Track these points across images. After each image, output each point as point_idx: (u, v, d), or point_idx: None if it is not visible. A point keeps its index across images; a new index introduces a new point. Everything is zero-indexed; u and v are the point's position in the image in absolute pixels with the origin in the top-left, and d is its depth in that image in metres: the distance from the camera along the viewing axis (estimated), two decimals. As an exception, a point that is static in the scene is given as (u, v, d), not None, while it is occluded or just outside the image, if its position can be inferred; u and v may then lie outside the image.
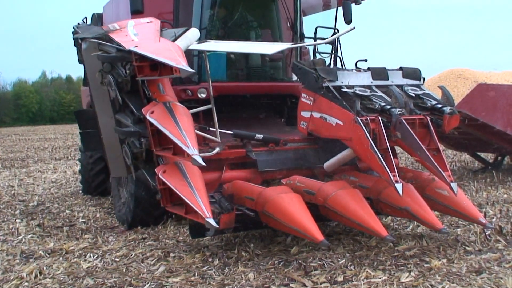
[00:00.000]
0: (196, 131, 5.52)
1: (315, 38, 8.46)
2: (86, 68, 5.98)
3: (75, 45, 6.64)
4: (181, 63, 5.09)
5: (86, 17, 10.64)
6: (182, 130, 5.19)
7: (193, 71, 5.31)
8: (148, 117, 5.38)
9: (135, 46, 5.37)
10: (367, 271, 5.26)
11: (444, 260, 5.52)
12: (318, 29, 8.44)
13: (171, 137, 5.18)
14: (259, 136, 6.64)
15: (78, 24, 6.43)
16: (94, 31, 6.26)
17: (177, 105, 5.55)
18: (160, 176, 5.44)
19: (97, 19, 10.35)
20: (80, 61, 9.54)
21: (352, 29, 6.29)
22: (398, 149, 7.02)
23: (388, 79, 6.63)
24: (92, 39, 5.90)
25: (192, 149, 5.03)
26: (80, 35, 6.16)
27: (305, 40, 8.58)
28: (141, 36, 5.65)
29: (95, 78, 5.99)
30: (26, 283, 5.45)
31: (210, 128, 6.55)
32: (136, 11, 7.37)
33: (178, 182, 5.34)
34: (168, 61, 5.16)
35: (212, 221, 5.03)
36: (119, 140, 6.16)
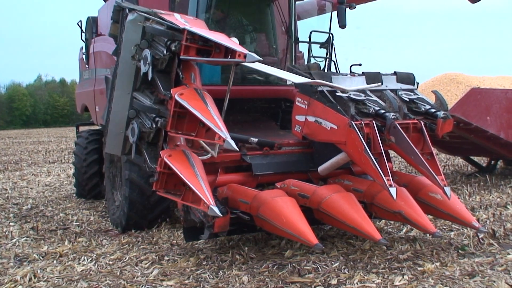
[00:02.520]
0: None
1: (309, 42, 8.49)
2: (123, 39, 5.93)
3: (113, 19, 6.52)
4: (246, 50, 5.10)
5: (81, 21, 10.67)
6: (214, 115, 5.20)
7: (260, 58, 5.29)
8: (176, 98, 5.30)
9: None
10: (360, 274, 5.28)
11: (438, 264, 5.54)
12: (313, 33, 8.47)
13: (202, 119, 5.13)
14: (254, 139, 6.65)
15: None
16: (142, 7, 6.22)
17: (207, 93, 5.54)
18: (165, 159, 5.34)
19: (92, 22, 10.37)
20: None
21: (379, 85, 6.31)
22: (392, 153, 7.05)
23: (382, 84, 6.65)
24: (141, 12, 5.87)
25: (225, 133, 5.02)
26: (129, 5, 6.12)
27: (299, 44, 8.61)
28: (191, 24, 5.62)
29: (128, 51, 5.93)
30: (20, 286, 5.45)
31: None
32: (131, 15, 7.36)
33: (184, 169, 5.29)
34: (234, 46, 5.18)
35: (216, 209, 4.97)
36: (128, 118, 6.09)
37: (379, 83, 6.41)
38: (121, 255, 6.43)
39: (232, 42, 5.31)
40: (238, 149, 5.19)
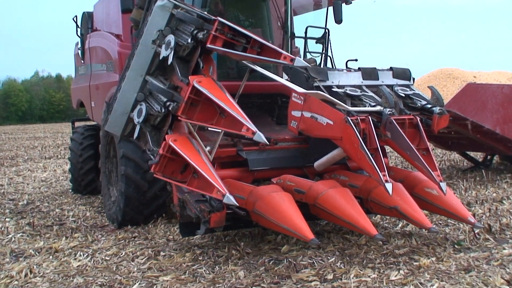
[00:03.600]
0: None
1: (305, 38, 8.48)
2: (148, 22, 5.97)
3: (137, 4, 6.72)
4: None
5: (76, 16, 10.64)
6: (237, 106, 5.25)
7: (308, 64, 5.32)
8: (195, 84, 5.32)
9: None
10: (356, 269, 5.29)
11: (433, 259, 5.56)
12: (309, 28, 8.46)
13: (227, 108, 5.17)
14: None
15: None
16: None
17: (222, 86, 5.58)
18: (171, 143, 5.32)
19: (88, 17, 10.34)
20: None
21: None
22: (387, 149, 7.06)
23: (378, 79, 6.66)
24: (172, 0, 5.93)
25: (251, 125, 5.05)
26: None
27: (295, 39, 8.60)
28: None
29: (150, 34, 5.95)
30: (16, 282, 5.44)
31: (209, 128, 6.51)
32: (127, 10, 7.36)
33: (192, 155, 5.30)
34: (278, 48, 5.30)
35: (231, 198, 4.99)
36: (135, 100, 6.06)
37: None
38: (117, 251, 6.43)
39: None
40: (268, 143, 5.19)
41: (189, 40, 5.55)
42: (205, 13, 5.60)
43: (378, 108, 6.06)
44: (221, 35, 5.44)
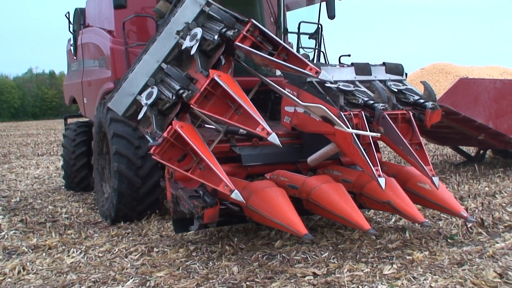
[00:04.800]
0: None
1: (298, 33, 8.47)
2: (178, 13, 6.05)
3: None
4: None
5: (68, 12, 10.60)
6: (253, 105, 5.34)
7: (331, 79, 5.43)
8: (215, 77, 5.38)
9: None
10: (350, 263, 5.30)
11: (426, 253, 5.57)
12: (302, 24, 8.46)
13: (244, 106, 5.24)
14: (243, 130, 6.64)
15: None
16: None
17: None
18: (178, 129, 5.34)
19: (80, 14, 10.31)
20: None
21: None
22: (381, 144, 7.07)
23: (371, 74, 6.66)
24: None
25: (267, 126, 5.14)
26: None
27: (289, 35, 8.60)
28: None
29: (176, 24, 6.03)
30: (9, 279, 5.42)
31: (206, 125, 6.51)
32: (119, 5, 7.35)
33: (199, 145, 5.32)
34: (304, 59, 5.38)
35: (239, 194, 5.04)
36: (145, 84, 6.04)
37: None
38: (111, 247, 6.42)
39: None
40: (281, 145, 5.25)
41: (216, 37, 5.64)
42: (238, 15, 5.75)
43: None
44: (251, 36, 5.54)
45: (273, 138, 5.10)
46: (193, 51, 5.67)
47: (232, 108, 5.37)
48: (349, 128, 5.68)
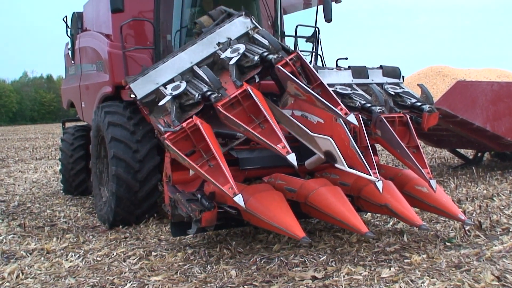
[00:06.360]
0: None
1: (295, 36, 8.49)
2: (225, 27, 6.37)
3: (212, 15, 7.11)
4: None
5: (66, 16, 10.61)
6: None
7: (357, 124, 5.55)
8: (248, 89, 5.58)
9: None
10: (348, 267, 5.30)
11: (424, 256, 5.57)
12: (299, 27, 8.47)
13: (269, 120, 5.44)
14: (241, 134, 6.65)
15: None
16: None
17: None
18: (198, 122, 5.48)
19: (78, 18, 10.32)
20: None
21: None
22: (378, 147, 7.07)
23: (368, 78, 6.68)
24: (254, 21, 6.45)
25: (287, 145, 5.26)
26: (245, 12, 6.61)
27: (286, 38, 8.61)
28: None
29: (220, 36, 6.31)
30: (8, 284, 5.42)
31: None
32: (116, 9, 7.35)
33: (214, 144, 5.45)
34: (337, 98, 5.55)
35: (241, 200, 5.08)
36: (171, 79, 6.13)
37: None
38: (109, 251, 6.42)
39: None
40: (296, 166, 5.32)
41: (256, 58, 5.89)
42: (285, 45, 6.14)
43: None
44: (292, 65, 5.77)
45: (292, 158, 5.19)
46: (232, 62, 5.88)
47: (256, 122, 5.53)
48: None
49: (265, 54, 5.87)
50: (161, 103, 5.87)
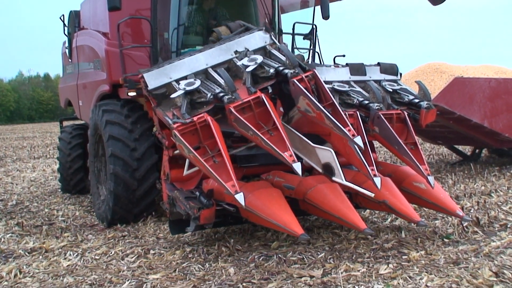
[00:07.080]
0: None
1: (293, 34, 8.48)
2: (245, 37, 6.42)
3: (231, 27, 7.35)
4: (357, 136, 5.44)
5: (63, 15, 10.59)
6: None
7: (362, 147, 5.52)
8: (262, 97, 5.63)
9: None
10: (346, 263, 5.31)
11: (422, 252, 5.58)
12: (296, 25, 8.47)
13: (279, 128, 5.49)
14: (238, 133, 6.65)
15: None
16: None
17: None
18: (208, 119, 5.52)
19: (75, 16, 10.30)
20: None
21: None
22: (376, 144, 7.08)
23: (366, 75, 6.68)
24: (271, 37, 6.48)
25: (293, 154, 5.32)
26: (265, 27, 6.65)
27: (283, 36, 8.60)
28: None
29: (238, 45, 6.36)
30: (6, 283, 5.41)
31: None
32: (114, 8, 7.34)
33: (221, 140, 5.47)
34: (346, 118, 5.62)
35: (242, 198, 5.09)
36: (184, 76, 6.16)
37: None
38: (107, 250, 6.41)
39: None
40: (301, 175, 5.38)
41: (271, 70, 5.93)
42: (302, 63, 6.16)
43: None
44: (307, 82, 5.80)
45: (297, 167, 5.19)
46: (248, 69, 5.93)
47: (265, 128, 5.56)
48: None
49: (281, 68, 5.91)
50: (173, 95, 5.90)
